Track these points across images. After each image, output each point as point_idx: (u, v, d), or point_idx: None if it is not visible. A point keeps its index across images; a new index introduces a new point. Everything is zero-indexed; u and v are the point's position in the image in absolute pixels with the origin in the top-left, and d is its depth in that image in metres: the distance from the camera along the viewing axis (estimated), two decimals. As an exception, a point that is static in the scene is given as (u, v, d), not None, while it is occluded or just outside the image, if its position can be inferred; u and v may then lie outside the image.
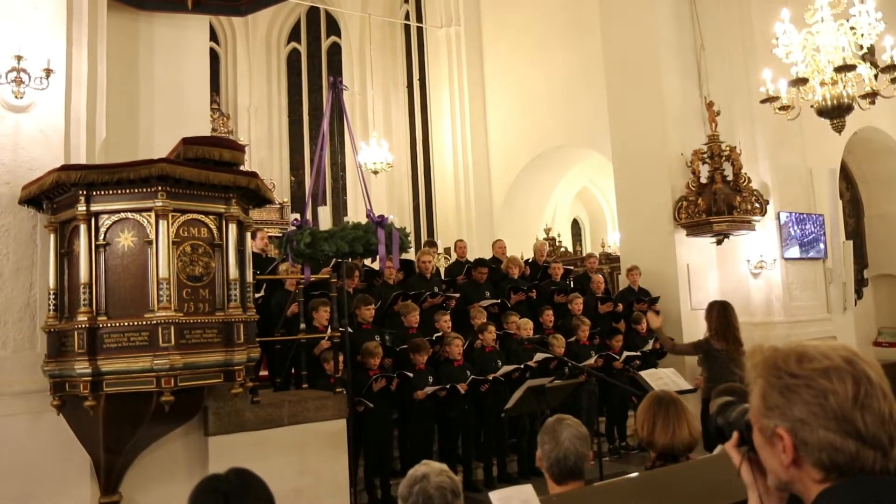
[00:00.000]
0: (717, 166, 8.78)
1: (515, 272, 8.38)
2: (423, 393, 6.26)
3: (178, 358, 3.82)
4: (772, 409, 1.18)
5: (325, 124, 5.07)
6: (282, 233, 6.40)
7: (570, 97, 12.62)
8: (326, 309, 6.15)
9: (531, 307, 8.14)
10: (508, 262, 8.45)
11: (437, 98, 15.74)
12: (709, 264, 9.25)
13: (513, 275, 8.36)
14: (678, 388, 5.93)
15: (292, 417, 5.00)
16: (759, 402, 1.20)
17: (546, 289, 8.44)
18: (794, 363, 1.17)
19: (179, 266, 3.95)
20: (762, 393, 1.20)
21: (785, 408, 1.16)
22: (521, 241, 12.53)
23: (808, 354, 1.18)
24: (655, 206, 9.14)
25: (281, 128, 18.25)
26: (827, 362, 1.15)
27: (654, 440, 2.75)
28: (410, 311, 6.87)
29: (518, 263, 8.48)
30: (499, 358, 7.03)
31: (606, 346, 7.92)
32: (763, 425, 1.20)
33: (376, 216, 4.64)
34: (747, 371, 1.24)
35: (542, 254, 9.29)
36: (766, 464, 1.22)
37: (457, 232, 13.72)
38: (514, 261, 8.49)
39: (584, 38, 11.89)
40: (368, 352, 6.13)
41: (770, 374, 1.19)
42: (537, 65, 13.42)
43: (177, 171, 3.86)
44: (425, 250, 8.37)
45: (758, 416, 1.21)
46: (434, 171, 16.02)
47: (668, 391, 2.97)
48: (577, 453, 2.51)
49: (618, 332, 8.07)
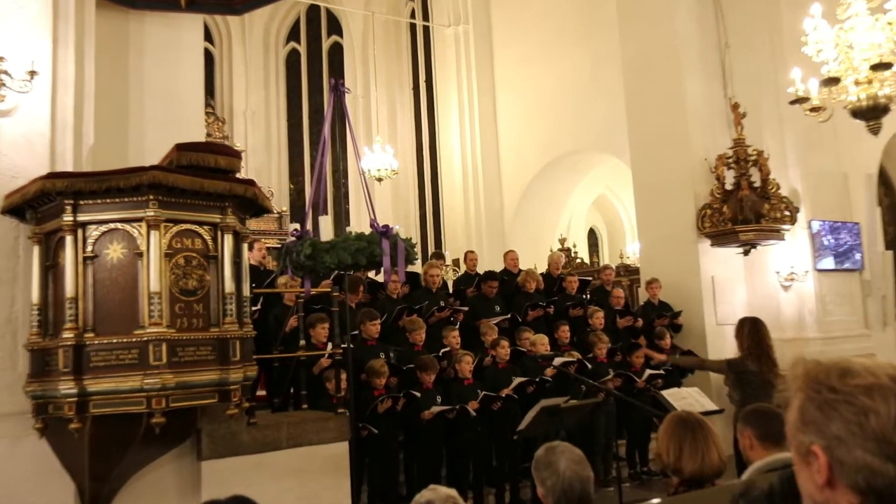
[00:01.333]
0: (744, 172, 8.75)
1: (532, 286, 8.33)
2: (431, 413, 6.24)
3: (170, 377, 3.81)
4: (808, 425, 1.18)
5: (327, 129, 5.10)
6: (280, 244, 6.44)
7: (585, 99, 12.63)
8: (325, 326, 6.15)
9: (545, 322, 8.09)
10: (526, 276, 8.40)
11: (444, 101, 15.78)
12: (735, 276, 9.21)
13: (529, 289, 8.30)
14: (703, 408, 5.97)
15: (291, 440, 5.01)
16: (796, 417, 1.21)
17: (561, 303, 8.40)
18: (836, 378, 1.17)
19: (172, 279, 3.95)
20: (800, 407, 1.20)
21: (822, 424, 1.16)
22: (535, 252, 12.50)
23: (852, 370, 1.17)
24: (677, 215, 9.13)
25: (279, 133, 18.33)
26: (871, 379, 1.14)
27: (681, 466, 2.71)
28: (416, 328, 6.87)
29: (535, 277, 8.45)
30: (514, 375, 7.00)
31: (627, 365, 7.88)
32: (799, 441, 1.20)
33: (380, 226, 4.67)
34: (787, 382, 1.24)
35: (557, 266, 9.27)
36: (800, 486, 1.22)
37: (465, 243, 13.73)
38: (531, 275, 8.44)
39: (600, 36, 11.92)
40: (374, 371, 6.13)
41: (810, 387, 1.20)
42: (551, 65, 13.44)
43: (169, 179, 3.87)
44: (432, 262, 8.36)
45: (794, 432, 1.21)
46: (441, 178, 16.04)
47: (692, 412, 2.95)
48: (581, 478, 2.50)
49: (638, 348, 8.03)
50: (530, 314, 7.94)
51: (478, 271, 8.85)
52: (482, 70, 15.03)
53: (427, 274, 7.92)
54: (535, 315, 7.97)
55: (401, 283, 7.13)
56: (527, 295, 8.26)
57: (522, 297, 8.23)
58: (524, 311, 7.95)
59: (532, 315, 7.95)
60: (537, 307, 8.00)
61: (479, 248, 12.84)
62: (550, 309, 8.19)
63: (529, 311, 7.96)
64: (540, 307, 8.02)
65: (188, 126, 5.55)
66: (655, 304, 8.93)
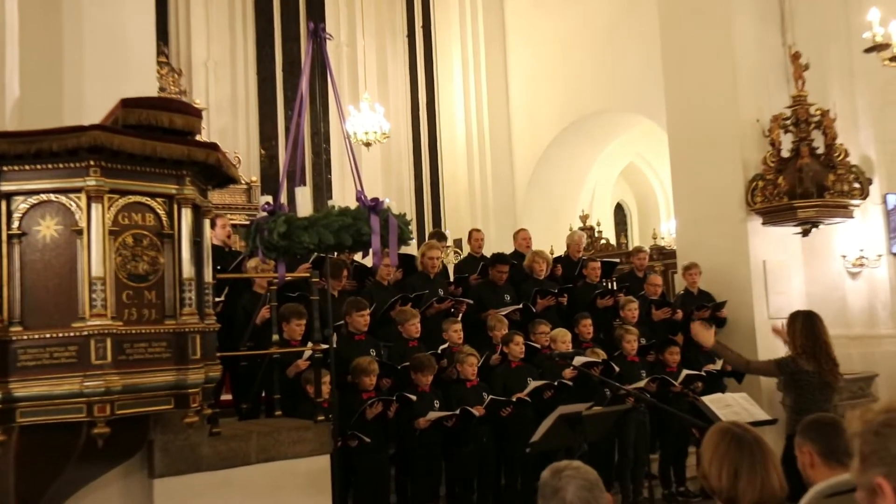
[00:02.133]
0: (805, 136, 8.73)
1: (541, 270, 8.36)
2: (427, 420, 6.26)
3: (116, 379, 3.77)
4: (868, 458, 1.37)
5: (304, 83, 5.06)
6: (249, 220, 6.44)
7: (613, 49, 12.59)
8: (300, 322, 6.21)
9: (562, 314, 8.15)
10: (533, 258, 8.42)
11: (444, 51, 15.73)
12: (792, 261, 9.21)
13: (538, 273, 8.35)
14: (752, 418, 6.08)
15: (262, 453, 5.02)
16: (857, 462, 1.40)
17: (583, 292, 8.42)
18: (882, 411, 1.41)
19: (118, 262, 3.92)
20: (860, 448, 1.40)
21: (880, 449, 1.35)
22: (551, 231, 12.60)
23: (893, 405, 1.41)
24: (723, 187, 9.11)
25: (248, 88, 18.26)
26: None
27: (737, 495, 2.66)
28: (410, 320, 6.88)
29: (545, 258, 8.47)
30: (530, 376, 7.04)
31: (661, 364, 7.88)
32: (861, 482, 1.36)
33: (369, 199, 4.64)
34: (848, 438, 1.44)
35: (578, 248, 9.28)
36: None
37: (470, 220, 13.86)
38: (540, 256, 8.46)
39: (632, -28, 11.89)
40: (360, 369, 6.15)
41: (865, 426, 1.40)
42: (572, 9, 13.35)
43: (114, 141, 3.81)
44: (431, 243, 8.35)
45: (858, 476, 1.39)
46: (441, 143, 16.03)
47: (743, 424, 2.93)
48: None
49: (674, 345, 8.02)
50: (539, 303, 8.00)
51: (484, 254, 8.91)
52: (490, 14, 14.95)
53: (424, 257, 7.92)
54: (544, 304, 8.00)
55: (393, 267, 7.14)
56: (535, 281, 8.29)
57: (531, 284, 8.26)
58: (532, 298, 8.00)
59: (541, 304, 7.98)
60: (547, 294, 8.02)
61: (485, 226, 12.92)
62: (563, 298, 8.22)
63: (538, 298, 7.98)
64: (551, 295, 8.04)
65: (137, 78, 5.47)
66: (694, 293, 8.91)
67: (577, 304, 8.32)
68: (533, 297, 7.99)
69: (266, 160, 18.07)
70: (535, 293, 8.01)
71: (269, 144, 18.27)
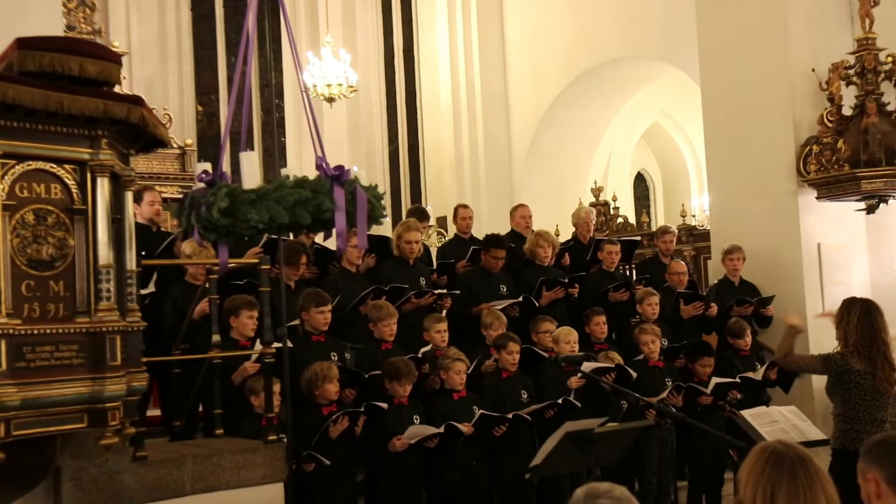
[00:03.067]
0: (872, 89, 8.70)
1: (546, 256, 8.29)
2: (404, 442, 6.19)
3: (13, 391, 3.75)
4: None
5: (250, 22, 4.99)
6: (183, 194, 6.35)
7: (634, -19, 12.52)
8: (252, 314, 6.17)
9: (573, 310, 8.11)
10: (537, 241, 8.35)
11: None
12: (854, 244, 9.19)
13: (541, 260, 8.31)
14: (803, 437, 6.21)
15: (200, 482, 5.01)
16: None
17: (597, 281, 8.34)
18: None
19: (16, 245, 3.90)
20: None
21: None
22: (556, 207, 12.62)
23: None
24: (768, 153, 9.08)
25: (180, 28, 18.09)
26: None
27: None
28: (384, 318, 6.84)
29: (550, 241, 8.41)
30: (524, 389, 7.01)
31: (690, 371, 7.81)
32: None
33: (332, 168, 4.55)
34: None
35: (587, 227, 9.25)
36: None
37: (456, 194, 13.86)
38: (544, 238, 8.39)
39: None
40: (320, 376, 6.12)
41: None
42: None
43: (8, 93, 3.77)
44: (409, 223, 8.26)
45: None
46: (422, 99, 15.98)
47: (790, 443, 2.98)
48: None
49: (706, 349, 7.92)
50: (545, 296, 7.98)
51: (474, 235, 8.89)
52: (482, -64, 14.85)
53: (401, 239, 7.88)
54: (551, 297, 7.99)
55: (362, 251, 7.09)
56: (539, 268, 8.25)
57: (533, 272, 8.22)
58: (537, 290, 7.96)
59: (547, 298, 7.98)
60: (555, 285, 8.01)
61: (475, 201, 13.03)
62: (574, 289, 8.20)
63: (544, 290, 7.95)
64: (560, 285, 8.03)
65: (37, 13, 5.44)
66: (735, 284, 8.84)
67: (587, 298, 8.29)
68: (536, 289, 7.96)
69: (204, 119, 17.98)
70: (540, 284, 7.97)
71: (208, 99, 18.18)
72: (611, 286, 8.37)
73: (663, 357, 7.80)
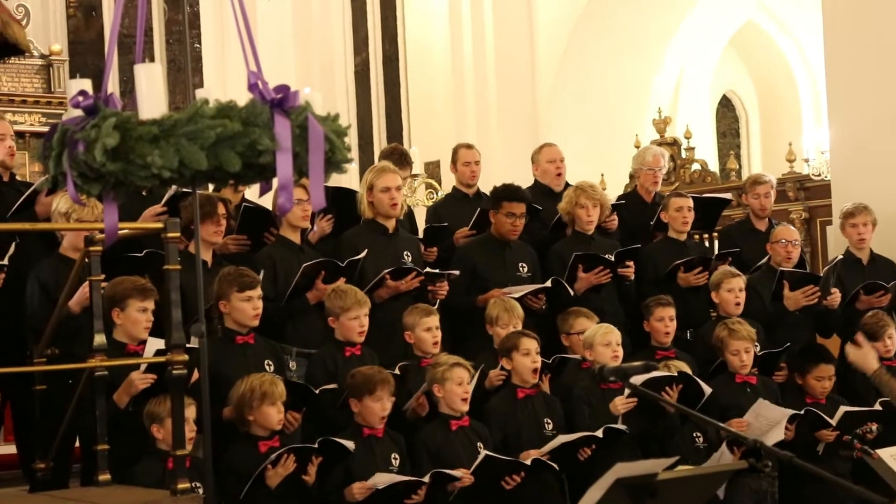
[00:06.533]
0: None
1: (589, 220, 7.23)
2: (365, 488, 5.53)
3: None
4: None
5: None
6: (50, 126, 5.65)
7: None
8: (145, 306, 5.62)
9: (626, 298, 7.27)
10: (575, 198, 7.24)
11: None
12: None
13: (584, 226, 7.28)
14: None
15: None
16: None
17: (659, 257, 7.35)
18: None
19: None
20: None
21: None
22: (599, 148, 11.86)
23: None
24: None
25: None
26: None
27: None
28: (350, 309, 6.10)
29: (597, 199, 7.30)
30: (550, 415, 6.30)
31: (798, 390, 6.92)
32: None
33: (271, 89, 3.89)
34: None
35: (654, 177, 8.08)
36: None
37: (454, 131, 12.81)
38: (587, 195, 7.25)
39: None
40: (257, 395, 5.56)
41: None
42: None
43: None
44: (384, 167, 7.21)
45: None
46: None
47: None
48: None
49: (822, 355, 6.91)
50: (581, 278, 7.00)
51: (481, 189, 7.94)
52: None
53: (374, 189, 6.92)
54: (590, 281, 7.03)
55: (317, 211, 6.46)
56: (578, 238, 7.33)
57: (570, 244, 7.30)
58: (570, 270, 7.04)
59: (584, 281, 7.02)
60: (597, 263, 7.00)
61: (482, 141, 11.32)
62: (628, 269, 7.11)
63: (580, 270, 7.01)
64: (603, 264, 7.03)
65: None
66: (864, 261, 7.72)
67: (647, 280, 7.32)
68: (570, 269, 6.91)
69: (79, 14, 16.36)
70: (574, 260, 6.90)
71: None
72: (680, 262, 7.23)
73: (756, 369, 6.87)
